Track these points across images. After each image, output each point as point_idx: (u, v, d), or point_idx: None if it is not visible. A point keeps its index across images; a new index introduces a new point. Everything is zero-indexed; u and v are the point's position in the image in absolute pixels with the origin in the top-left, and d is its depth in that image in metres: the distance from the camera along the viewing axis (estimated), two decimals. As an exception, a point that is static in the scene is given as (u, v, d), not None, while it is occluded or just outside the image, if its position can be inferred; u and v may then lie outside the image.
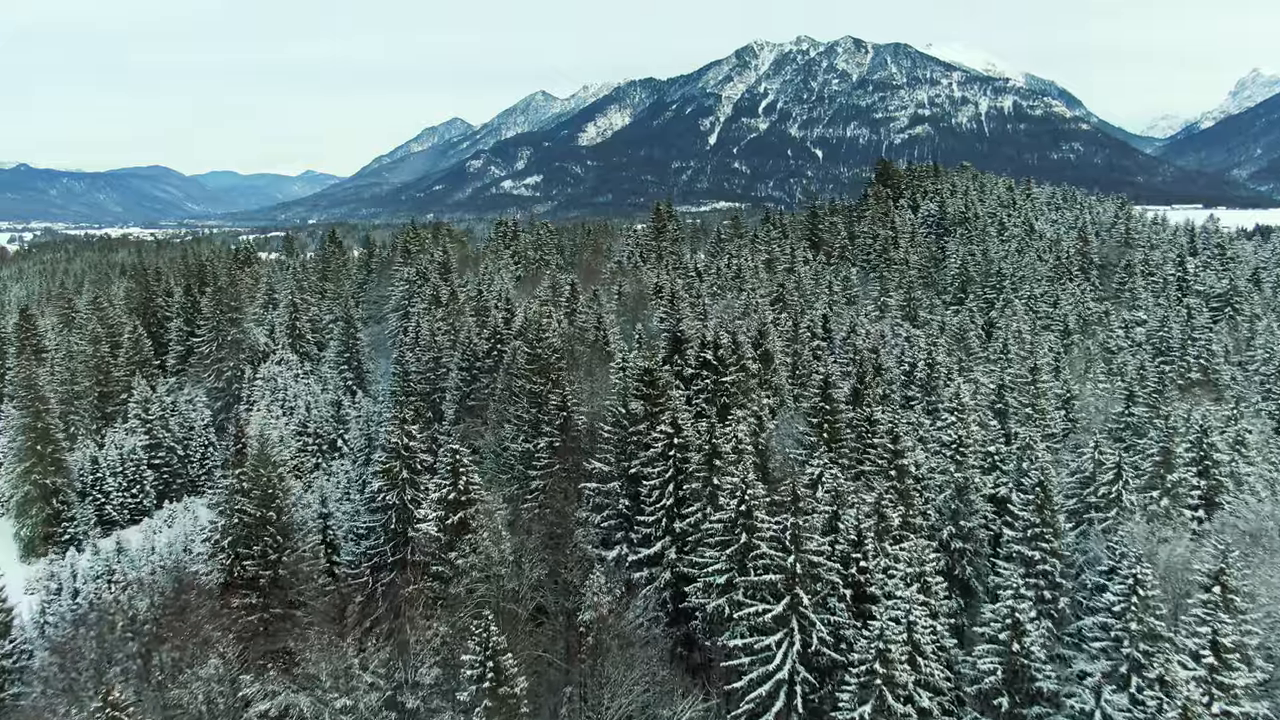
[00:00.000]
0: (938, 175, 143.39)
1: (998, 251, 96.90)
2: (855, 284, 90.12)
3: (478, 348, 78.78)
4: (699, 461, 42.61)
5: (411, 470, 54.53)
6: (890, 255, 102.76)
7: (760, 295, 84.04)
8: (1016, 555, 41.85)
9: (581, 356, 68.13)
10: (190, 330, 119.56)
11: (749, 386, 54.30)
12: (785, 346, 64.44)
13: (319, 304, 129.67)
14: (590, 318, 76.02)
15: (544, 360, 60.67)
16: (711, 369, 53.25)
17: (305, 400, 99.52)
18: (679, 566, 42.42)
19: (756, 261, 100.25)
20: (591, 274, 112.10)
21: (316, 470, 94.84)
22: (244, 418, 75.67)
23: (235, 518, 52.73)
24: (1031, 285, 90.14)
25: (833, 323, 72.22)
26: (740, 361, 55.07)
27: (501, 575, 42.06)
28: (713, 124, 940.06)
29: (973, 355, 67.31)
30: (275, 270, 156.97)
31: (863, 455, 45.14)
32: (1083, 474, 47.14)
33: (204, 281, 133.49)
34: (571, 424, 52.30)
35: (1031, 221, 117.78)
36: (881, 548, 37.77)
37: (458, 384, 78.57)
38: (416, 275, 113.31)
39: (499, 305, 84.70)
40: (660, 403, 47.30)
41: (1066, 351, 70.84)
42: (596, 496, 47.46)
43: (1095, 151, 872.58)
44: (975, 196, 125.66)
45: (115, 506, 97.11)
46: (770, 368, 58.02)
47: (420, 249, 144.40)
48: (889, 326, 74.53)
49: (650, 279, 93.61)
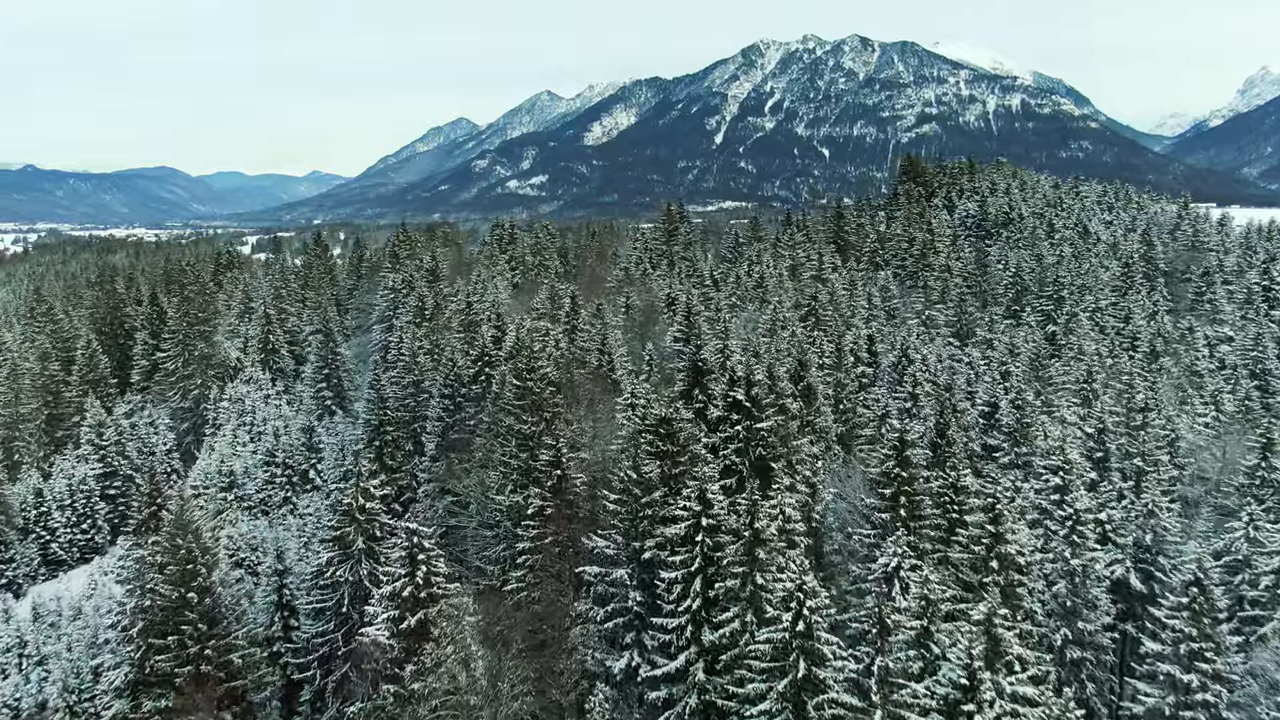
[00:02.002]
0: (973, 172, 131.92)
1: (1052, 257, 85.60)
2: (894, 294, 78.87)
3: (463, 371, 67.93)
4: (737, 552, 31.78)
5: (370, 538, 43.84)
6: (929, 261, 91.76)
7: (788, 309, 73.13)
8: (1165, 678, 30.98)
9: (582, 385, 57.29)
10: (156, 344, 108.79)
11: (789, 432, 43.41)
12: (826, 375, 53.56)
13: (300, 314, 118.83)
14: (593, 338, 65.20)
15: (535, 395, 49.87)
16: (743, 411, 42.38)
17: (274, 425, 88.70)
18: (710, 692, 31.60)
19: (780, 269, 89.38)
20: (595, 282, 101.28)
21: (286, 505, 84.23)
22: (158, 474, 64.17)
23: (147, 598, 42.13)
24: (1096, 296, 79.10)
25: (879, 344, 61.15)
26: (778, 401, 44.20)
27: (472, 705, 31.21)
28: (719, 123, 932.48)
29: (1052, 385, 56.21)
30: (256, 276, 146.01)
31: (949, 536, 34.20)
32: (1232, 557, 36.19)
33: (183, 287, 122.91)
34: (567, 484, 41.53)
35: (1085, 222, 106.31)
36: (997, 683, 26.84)
37: (439, 413, 67.74)
38: (402, 283, 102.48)
39: (489, 320, 73.86)
40: (681, 462, 36.51)
41: (1153, 377, 59.69)
42: (599, 583, 36.63)
43: (1104, 150, 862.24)
44: (1019, 195, 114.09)
45: (62, 544, 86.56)
46: (813, 406, 47.28)
47: (410, 253, 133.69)
48: (940, 346, 63.56)
49: (661, 289, 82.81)
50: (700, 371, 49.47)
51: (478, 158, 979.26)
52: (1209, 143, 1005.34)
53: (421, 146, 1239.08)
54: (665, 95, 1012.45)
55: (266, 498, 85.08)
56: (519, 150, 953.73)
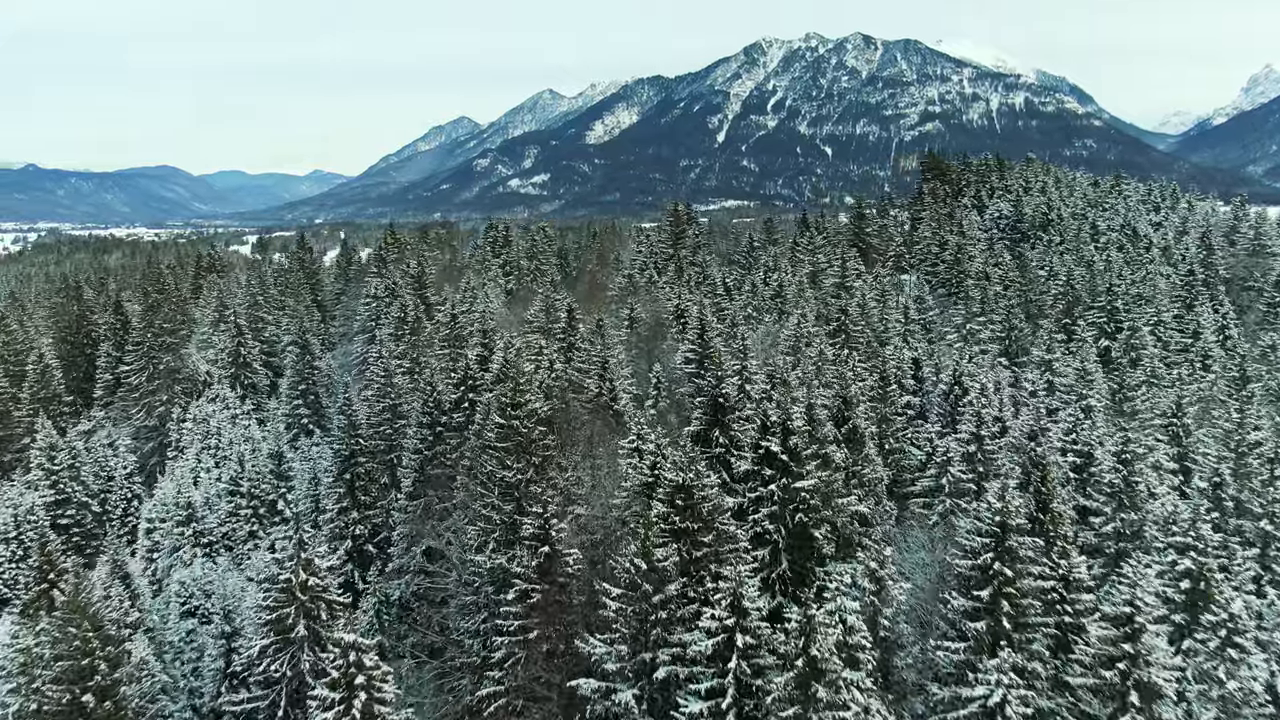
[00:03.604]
0: (1003, 169, 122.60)
1: (1102, 263, 76.58)
2: (930, 305, 69.71)
3: (443, 396, 59.38)
4: (786, 686, 23.16)
5: (313, 619, 35.38)
6: (964, 267, 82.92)
7: (811, 323, 64.54)
8: None
9: (579, 418, 48.77)
10: (120, 356, 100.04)
11: (833, 489, 34.83)
12: (870, 408, 44.77)
13: (278, 322, 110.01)
14: (592, 360, 56.61)
15: (522, 435, 41.35)
16: (779, 466, 33.81)
17: (240, 450, 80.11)
18: None
19: (799, 276, 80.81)
20: (596, 290, 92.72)
21: (251, 541, 75.71)
22: (52, 545, 54.78)
23: (33, 700, 33.68)
24: (1157, 308, 70.12)
25: (924, 367, 52.34)
26: (820, 450, 35.58)
27: None
28: (721, 122, 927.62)
29: (1138, 418, 47.19)
30: (238, 279, 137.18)
31: (1064, 651, 25.57)
32: None
33: (147, 295, 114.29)
34: (557, 562, 32.98)
35: (1134, 225, 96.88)
36: None
37: (416, 444, 59.20)
38: (386, 291, 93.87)
39: (476, 337, 65.33)
40: (704, 543, 28.02)
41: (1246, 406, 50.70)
42: (597, 701, 28.09)
43: (1109, 148, 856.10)
44: (1058, 194, 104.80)
45: (7, 581, 78.14)
46: (861, 453, 38.66)
47: (399, 257, 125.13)
48: (995, 370, 54.86)
49: (669, 299, 74.29)
50: (720, 408, 40.94)
51: (479, 157, 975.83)
52: (1213, 141, 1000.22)
53: (423, 145, 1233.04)
54: (667, 94, 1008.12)
55: (230, 531, 76.62)
56: (521, 149, 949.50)
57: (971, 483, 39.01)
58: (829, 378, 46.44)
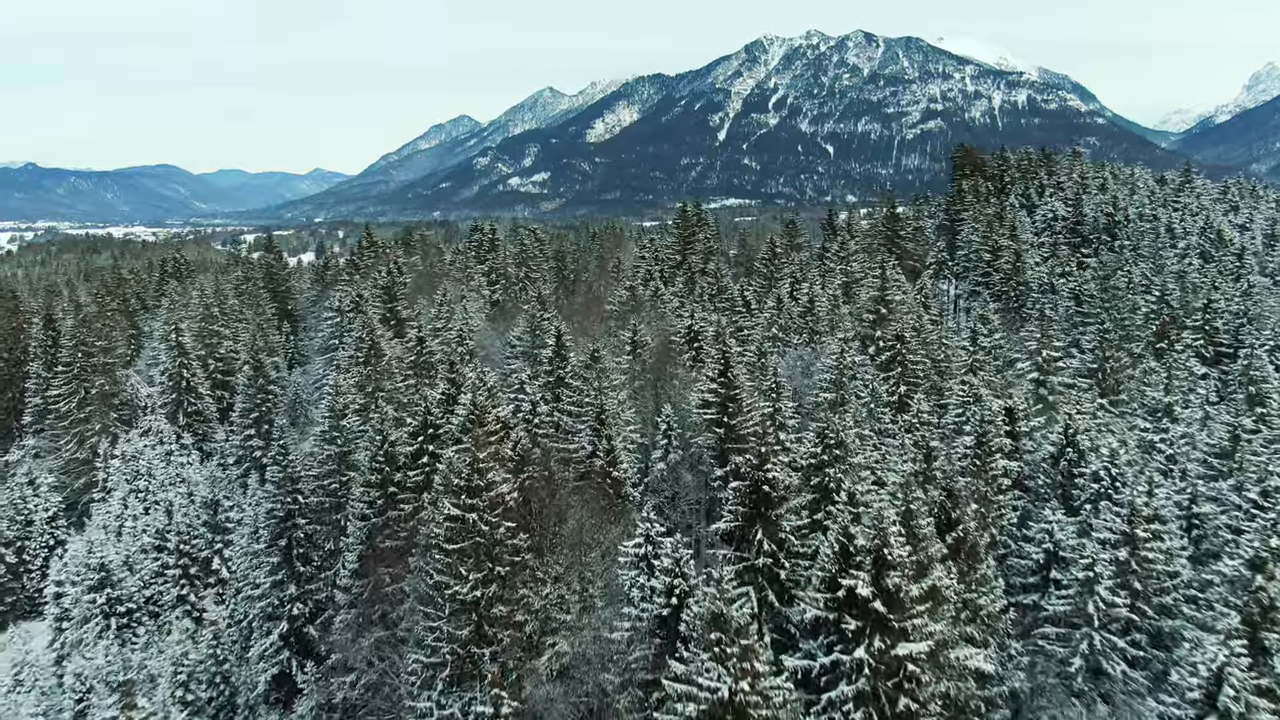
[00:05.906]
0: (1050, 163, 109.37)
1: (1197, 275, 63.82)
2: (996, 327, 56.51)
3: (398, 449, 47.18)
4: None
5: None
6: (1024, 278, 70.23)
7: (854, 352, 52.14)
8: None
9: (563, 492, 36.40)
10: (50, 378, 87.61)
11: (945, 638, 22.37)
12: (971, 485, 31.89)
13: (236, 338, 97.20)
14: (585, 403, 44.21)
15: (483, 536, 29.11)
16: (869, 616, 21.42)
17: (170, 496, 67.70)
18: None
19: (831, 288, 68.48)
20: (594, 303, 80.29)
21: (180, 606, 63.29)
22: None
23: None
24: (1275, 329, 57.57)
25: (1020, 419, 39.39)
26: (921, 573, 23.20)
27: None
28: (722, 120, 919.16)
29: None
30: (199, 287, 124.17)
31: None
32: None
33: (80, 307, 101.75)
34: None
35: (1219, 228, 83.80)
36: None
37: (363, 509, 46.98)
38: (351, 305, 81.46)
39: (443, 370, 52.91)
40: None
41: None
42: None
43: (1112, 146, 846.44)
44: (1125, 194, 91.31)
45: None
46: (976, 573, 26.07)
47: (377, 260, 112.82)
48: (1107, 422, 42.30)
49: (679, 319, 61.94)
50: (764, 499, 28.61)
51: (479, 155, 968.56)
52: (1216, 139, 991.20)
53: (423, 144, 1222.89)
54: (668, 92, 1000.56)
55: (155, 595, 64.28)
56: (521, 147, 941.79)
57: (1126, 608, 26.71)
58: (900, 438, 33.93)
